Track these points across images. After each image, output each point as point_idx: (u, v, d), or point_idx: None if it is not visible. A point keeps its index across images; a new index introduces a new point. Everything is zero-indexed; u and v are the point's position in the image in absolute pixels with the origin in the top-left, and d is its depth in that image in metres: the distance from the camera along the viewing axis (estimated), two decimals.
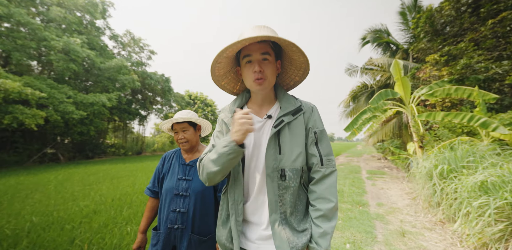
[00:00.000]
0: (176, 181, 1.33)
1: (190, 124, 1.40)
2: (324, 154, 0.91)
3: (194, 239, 1.24)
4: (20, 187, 6.42)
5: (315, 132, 0.93)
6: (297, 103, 0.95)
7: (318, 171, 0.90)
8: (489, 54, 5.86)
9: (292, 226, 0.87)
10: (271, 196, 0.86)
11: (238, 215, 0.90)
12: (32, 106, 11.82)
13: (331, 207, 0.85)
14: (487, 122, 4.01)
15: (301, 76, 1.01)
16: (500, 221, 2.28)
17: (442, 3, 7.60)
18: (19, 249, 2.25)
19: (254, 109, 1.00)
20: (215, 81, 1.02)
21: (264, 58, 0.89)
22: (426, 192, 3.93)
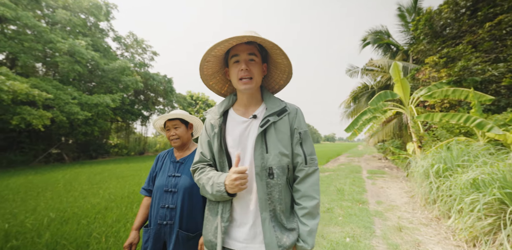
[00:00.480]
0: (166, 178, 1.37)
1: (182, 122, 1.46)
2: (308, 153, 0.96)
3: (182, 235, 1.26)
4: (30, 186, 6.62)
5: (300, 132, 0.97)
6: (282, 104, 0.99)
7: (302, 169, 0.94)
8: (487, 56, 6.00)
9: (281, 223, 0.90)
10: (261, 194, 0.89)
11: (225, 212, 0.94)
12: (39, 107, 12.06)
13: (315, 204, 0.90)
14: (482, 123, 4.17)
15: (285, 79, 1.07)
16: (489, 215, 2.44)
17: (441, 5, 7.75)
18: (44, 241, 2.44)
19: (240, 110, 1.04)
20: (203, 80, 1.06)
21: (251, 59, 0.94)
22: (423, 190, 4.09)
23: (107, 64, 16.46)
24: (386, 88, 11.98)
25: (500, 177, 2.49)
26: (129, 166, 12.15)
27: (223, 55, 1.00)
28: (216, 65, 1.03)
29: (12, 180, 7.63)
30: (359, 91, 13.50)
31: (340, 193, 5.16)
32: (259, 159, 0.91)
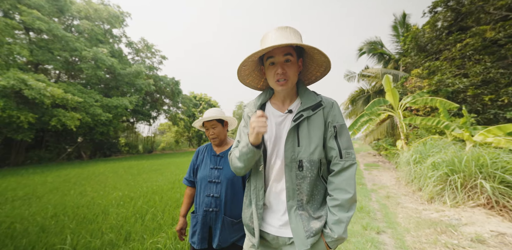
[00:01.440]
0: (209, 170, 1.50)
1: (218, 121, 1.56)
2: (343, 147, 0.95)
3: (227, 221, 1.38)
4: (86, 175, 8.03)
5: (335, 126, 0.97)
6: (317, 99, 0.99)
7: (337, 163, 0.94)
8: (458, 71, 7.57)
9: (308, 212, 0.94)
10: (289, 184, 0.94)
11: (258, 200, 1.00)
12: (68, 110, 13.33)
13: (348, 197, 0.90)
14: (448, 125, 5.73)
15: (322, 72, 1.06)
16: (440, 183, 3.97)
17: (424, 25, 9.34)
18: (138, 205, 3.88)
19: (276, 104, 1.08)
20: (241, 80, 1.10)
21: (287, 60, 0.95)
22: (405, 173, 5.63)
23: (123, 69, 17.70)
24: (380, 92, 13.57)
25: (447, 160, 4.01)
26: (149, 162, 13.47)
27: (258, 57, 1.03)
28: (252, 66, 1.06)
29: (65, 172, 9.01)
30: (356, 95, 15.10)
31: None
32: (289, 152, 0.95)
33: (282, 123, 1.02)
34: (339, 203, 0.89)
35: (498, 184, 3.25)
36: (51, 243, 2.46)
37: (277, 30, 0.94)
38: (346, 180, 0.92)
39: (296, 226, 0.90)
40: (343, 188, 0.91)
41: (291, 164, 0.94)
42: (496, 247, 2.31)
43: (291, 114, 1.01)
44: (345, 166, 0.93)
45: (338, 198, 0.90)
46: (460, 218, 3.07)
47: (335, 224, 0.88)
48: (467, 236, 2.58)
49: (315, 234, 0.89)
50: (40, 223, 3.11)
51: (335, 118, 0.99)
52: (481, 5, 7.06)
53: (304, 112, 0.96)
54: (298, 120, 0.95)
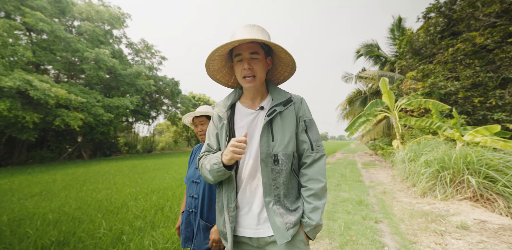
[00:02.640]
0: (194, 170, 1.48)
1: (208, 118, 1.53)
2: (314, 140, 1.01)
3: (202, 224, 1.33)
4: (93, 174, 8.26)
5: (305, 120, 1.03)
6: (287, 95, 1.04)
7: (309, 155, 0.99)
8: (451, 74, 7.98)
9: (286, 206, 0.95)
10: (266, 180, 0.95)
11: (230, 202, 0.99)
12: (70, 110, 13.50)
13: (321, 186, 0.95)
14: (440, 126, 6.11)
15: (289, 72, 1.09)
16: (431, 179, 4.34)
17: (418, 30, 9.75)
18: (154, 199, 4.18)
19: (247, 103, 1.09)
20: (210, 75, 1.11)
21: (253, 57, 0.96)
22: (400, 171, 6.01)
23: (124, 69, 17.88)
24: (377, 93, 13.99)
25: (438, 158, 4.38)
26: (151, 161, 13.70)
27: (227, 52, 1.03)
28: (222, 61, 1.06)
29: (71, 171, 9.23)
30: (354, 96, 15.51)
31: (343, 177, 7.04)
32: (265, 146, 0.96)
33: (254, 121, 1.03)
34: (314, 192, 0.94)
35: (482, 179, 3.61)
36: (88, 229, 2.76)
37: (245, 27, 0.97)
38: (319, 171, 0.97)
39: (274, 221, 0.91)
40: (316, 178, 0.96)
41: (267, 159, 0.96)
42: (477, 232, 2.67)
43: (263, 111, 1.03)
44: (316, 157, 0.99)
45: (313, 187, 0.95)
46: (449, 210, 3.43)
47: (312, 211, 0.92)
48: (454, 223, 2.93)
49: (294, 225, 0.92)
50: (69, 214, 3.40)
51: (305, 113, 1.04)
52: (471, 12, 7.47)
53: (277, 108, 0.99)
54: (272, 115, 0.97)
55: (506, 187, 3.30)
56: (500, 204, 3.31)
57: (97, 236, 2.60)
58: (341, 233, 2.80)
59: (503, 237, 2.47)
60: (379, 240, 2.61)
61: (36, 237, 2.51)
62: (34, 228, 2.81)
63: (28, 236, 2.56)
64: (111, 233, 2.66)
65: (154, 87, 19.99)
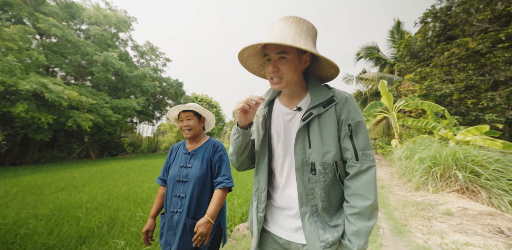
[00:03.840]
0: (178, 169, 1.45)
1: (195, 114, 1.51)
2: (359, 148, 0.85)
3: (189, 224, 1.31)
4: (106, 171, 8.75)
5: (349, 124, 0.87)
6: (329, 94, 0.90)
7: (353, 166, 0.85)
8: (446, 77, 8.42)
9: (324, 219, 0.86)
10: (301, 189, 0.87)
11: (260, 203, 0.94)
12: (81, 111, 14.01)
13: (367, 205, 0.80)
14: (435, 126, 6.56)
15: (333, 72, 0.96)
16: (424, 175, 4.79)
17: (416, 34, 10.19)
18: None
19: (284, 101, 1.01)
20: (254, 73, 1.06)
21: (281, 57, 0.87)
22: (397, 168, 6.46)
23: (130, 71, 18.39)
24: (377, 94, 14.42)
25: (431, 155, 4.84)
26: (158, 161, 14.19)
27: (260, 50, 0.96)
28: (259, 60, 1.01)
29: (85, 169, 9.73)
30: (355, 96, 15.95)
31: None
32: (299, 154, 0.88)
33: (291, 122, 0.95)
34: (357, 211, 0.81)
35: (468, 174, 4.07)
36: (126, 215, 3.24)
37: (279, 22, 0.88)
38: (364, 185, 0.83)
39: (310, 235, 0.84)
40: (361, 193, 0.82)
41: (303, 167, 0.88)
42: (459, 217, 3.12)
43: (300, 112, 0.94)
44: (362, 168, 0.84)
45: (356, 205, 0.81)
46: (438, 200, 3.88)
47: (354, 235, 0.80)
48: (440, 211, 3.39)
49: (332, 245, 0.82)
50: (103, 204, 3.88)
51: (349, 115, 0.88)
52: (465, 18, 7.91)
53: (314, 110, 0.88)
54: (308, 119, 0.88)
55: (488, 180, 3.75)
56: (483, 195, 3.76)
57: (135, 219, 3.08)
58: None
59: (479, 220, 2.92)
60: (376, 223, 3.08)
61: (87, 219, 3.00)
62: (83, 213, 3.29)
63: (80, 219, 3.04)
64: (147, 217, 3.14)
65: (159, 89, 20.49)
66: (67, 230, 2.67)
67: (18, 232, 2.62)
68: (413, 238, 2.64)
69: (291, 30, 0.85)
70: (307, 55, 0.92)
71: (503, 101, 6.41)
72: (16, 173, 8.96)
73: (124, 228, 2.76)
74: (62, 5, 14.53)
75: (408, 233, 2.80)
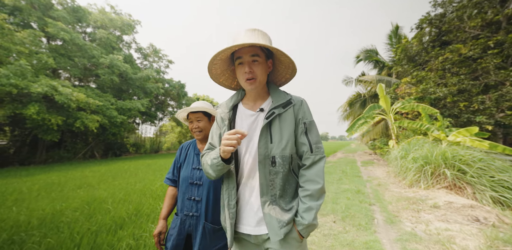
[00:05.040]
0: (191, 170, 1.41)
1: (205, 114, 1.47)
2: (313, 142, 1.02)
3: (208, 228, 1.30)
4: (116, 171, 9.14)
5: (305, 122, 1.04)
6: (287, 97, 1.05)
7: (308, 158, 1.01)
8: (440, 81, 8.83)
9: (281, 206, 0.99)
10: (263, 180, 0.98)
11: (231, 199, 1.04)
12: (88, 112, 14.40)
13: (318, 187, 0.96)
14: (429, 127, 6.97)
15: (290, 74, 1.12)
16: (417, 173, 5.19)
17: (413, 38, 10.61)
18: None
19: (248, 104, 1.12)
20: (214, 79, 1.15)
21: (254, 60, 0.99)
22: (394, 167, 6.86)
23: (134, 73, 18.80)
24: (375, 96, 14.84)
25: (423, 155, 5.24)
26: (163, 161, 14.56)
27: (229, 56, 1.08)
28: (224, 65, 1.12)
29: (95, 168, 10.13)
30: (354, 98, 16.38)
31: (344, 173, 7.90)
32: (263, 149, 0.99)
33: (255, 122, 1.06)
34: (309, 193, 0.95)
35: (456, 172, 4.47)
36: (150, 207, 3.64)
37: (246, 31, 1.00)
38: (317, 172, 0.98)
39: (270, 220, 0.95)
40: (314, 179, 0.97)
41: (265, 161, 0.98)
42: (444, 209, 3.53)
43: (262, 113, 1.06)
44: (315, 159, 1.00)
45: (309, 188, 0.96)
46: (428, 195, 4.29)
47: (305, 211, 0.94)
48: (428, 204, 3.80)
49: (288, 224, 0.94)
50: (125, 199, 4.27)
51: (304, 115, 1.05)
52: (458, 25, 8.33)
53: (276, 110, 1.01)
54: (271, 117, 0.99)
55: (472, 177, 4.15)
56: (468, 191, 4.17)
57: (157, 211, 3.48)
58: (343, 211, 3.67)
59: (461, 212, 3.33)
60: (371, 215, 3.49)
61: (116, 211, 3.40)
62: (111, 206, 3.69)
63: (110, 210, 3.45)
64: None
65: (162, 90, 20.90)
66: (102, 218, 3.07)
67: (62, 220, 3.02)
68: (402, 227, 3.04)
69: (259, 37, 0.99)
70: (270, 62, 1.07)
71: (493, 105, 6.82)
72: (29, 173, 9.35)
73: (150, 218, 3.16)
74: (69, 10, 14.95)
75: (399, 222, 3.21)
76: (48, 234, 2.53)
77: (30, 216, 3.22)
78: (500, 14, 7.09)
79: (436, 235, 2.68)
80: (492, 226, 2.70)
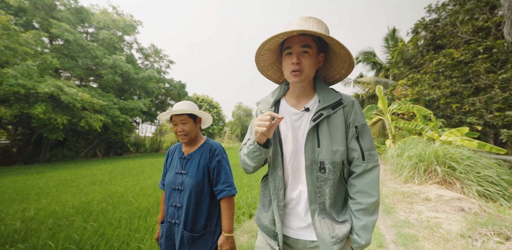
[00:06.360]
0: (174, 175, 1.34)
1: (190, 116, 1.37)
2: (365, 148, 0.91)
3: (186, 236, 1.23)
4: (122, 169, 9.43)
5: (356, 126, 0.93)
6: (337, 97, 0.94)
7: (359, 165, 0.90)
8: (434, 83, 9.27)
9: (332, 216, 0.90)
10: (310, 187, 0.91)
11: (279, 200, 0.96)
12: (90, 112, 14.64)
13: (372, 201, 0.86)
14: (423, 128, 7.39)
15: (347, 69, 1.00)
16: (412, 170, 5.60)
17: (409, 42, 11.04)
18: None
19: (291, 101, 1.03)
20: (261, 71, 1.08)
21: (304, 51, 0.91)
22: (390, 165, 7.27)
23: (136, 73, 19.03)
24: (373, 97, 15.28)
25: (417, 153, 5.65)
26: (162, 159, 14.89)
27: (278, 46, 0.99)
28: (273, 56, 1.04)
29: (102, 166, 10.43)
30: None
31: None
32: (309, 153, 0.91)
33: (298, 122, 0.98)
34: (363, 207, 0.87)
35: (446, 168, 4.88)
36: None
37: (300, 19, 0.92)
38: (370, 183, 0.89)
39: (321, 232, 0.88)
40: (367, 191, 0.88)
41: (312, 166, 0.91)
42: (435, 201, 3.92)
43: (307, 113, 0.97)
44: (367, 168, 0.90)
45: (362, 202, 0.87)
46: (421, 190, 4.68)
47: (362, 229, 0.86)
48: (421, 197, 4.19)
49: (341, 240, 0.87)
50: (141, 193, 4.60)
51: (356, 117, 0.94)
52: (451, 30, 8.77)
53: (324, 111, 0.92)
54: (318, 120, 0.91)
55: (461, 173, 4.56)
56: (457, 186, 4.57)
57: None
58: None
59: (449, 203, 3.72)
60: None
61: (138, 203, 3.74)
62: (133, 198, 4.03)
63: (132, 202, 3.78)
64: None
65: (164, 90, 21.16)
66: (127, 209, 3.41)
67: (93, 209, 3.35)
68: (397, 216, 3.43)
69: (314, 25, 0.89)
70: (321, 56, 0.97)
71: (482, 106, 7.26)
72: (38, 170, 9.60)
73: None
74: (72, 11, 15.14)
75: (394, 212, 3.59)
76: (88, 220, 2.87)
77: (63, 206, 3.55)
78: (489, 21, 7.53)
79: (426, 222, 3.06)
80: (474, 214, 3.09)
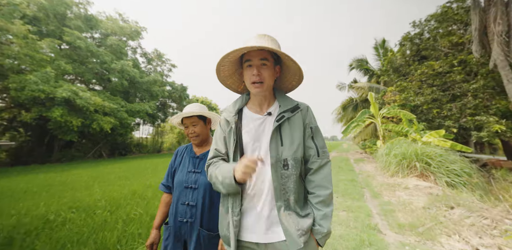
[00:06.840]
0: (186, 174, 1.37)
1: (200, 118, 1.43)
2: (320, 146, 1.05)
3: (203, 234, 1.24)
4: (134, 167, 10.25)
5: (311, 127, 1.08)
6: (294, 102, 1.09)
7: (315, 161, 1.03)
8: (419, 90, 10.46)
9: (296, 211, 0.98)
10: (276, 184, 0.97)
11: (235, 206, 1.00)
12: (101, 114, 15.41)
13: (328, 193, 0.99)
14: (408, 130, 8.54)
15: (297, 80, 1.15)
16: (397, 166, 6.71)
17: (397, 52, 12.25)
18: None
19: (254, 109, 1.13)
20: (221, 81, 1.16)
21: (263, 64, 1.02)
22: (380, 163, 8.40)
23: (142, 77, 19.84)
24: (366, 101, 16.52)
25: (401, 152, 6.76)
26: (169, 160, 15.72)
27: (238, 59, 1.09)
28: (232, 68, 1.12)
29: (112, 166, 11.22)
30: (347, 102, 18.05)
31: (340, 168, 9.40)
32: (274, 151, 0.99)
33: (262, 126, 1.07)
34: (322, 199, 0.98)
35: (423, 164, 5.99)
36: None
37: (256, 37, 1.04)
38: (325, 177, 1.02)
39: (288, 226, 0.93)
40: (323, 185, 1.00)
41: (276, 163, 0.98)
42: (412, 189, 5.02)
43: (270, 117, 1.07)
44: (322, 163, 1.04)
45: (321, 194, 0.99)
46: (403, 182, 5.79)
47: (323, 219, 0.96)
48: (402, 187, 5.29)
49: (306, 232, 0.94)
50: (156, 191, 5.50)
51: (311, 120, 1.09)
52: (432, 44, 9.98)
53: (285, 114, 1.03)
54: (281, 120, 1.01)
55: (434, 168, 5.68)
56: (431, 178, 5.69)
57: None
58: (342, 191, 5.12)
59: (422, 190, 4.82)
60: (362, 193, 4.95)
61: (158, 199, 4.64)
62: (150, 195, 4.95)
63: (148, 200, 4.61)
64: None
65: (167, 93, 21.99)
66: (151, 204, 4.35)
67: (121, 203, 4.15)
68: (382, 199, 4.51)
69: (269, 42, 1.02)
70: (278, 68, 1.10)
71: (457, 111, 8.45)
72: (56, 169, 10.31)
73: None
74: (83, 19, 15.92)
75: (380, 197, 4.67)
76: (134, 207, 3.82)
77: (103, 196, 4.46)
78: (462, 37, 8.75)
79: (402, 202, 4.15)
80: (435, 195, 4.19)
